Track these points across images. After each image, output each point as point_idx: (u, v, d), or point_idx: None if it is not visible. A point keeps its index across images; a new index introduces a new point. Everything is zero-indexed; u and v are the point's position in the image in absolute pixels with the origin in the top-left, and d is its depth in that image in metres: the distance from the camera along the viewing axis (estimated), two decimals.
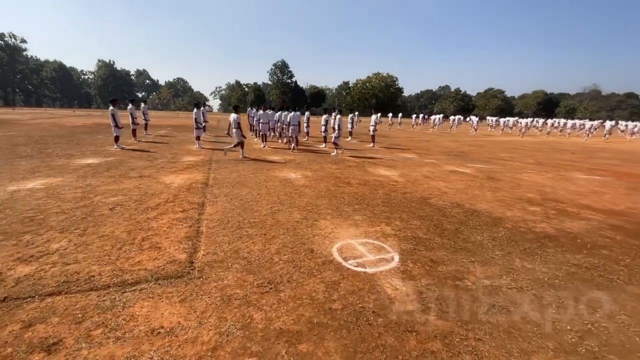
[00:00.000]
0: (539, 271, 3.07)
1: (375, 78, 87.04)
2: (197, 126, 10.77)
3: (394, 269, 2.99)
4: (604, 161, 11.49)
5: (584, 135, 23.36)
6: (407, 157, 10.77)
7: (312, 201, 5.07)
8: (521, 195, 6.02)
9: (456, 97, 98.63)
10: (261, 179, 6.50)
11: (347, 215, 4.46)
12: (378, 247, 3.48)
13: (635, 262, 3.35)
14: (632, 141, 24.21)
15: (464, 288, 2.71)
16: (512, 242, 3.77)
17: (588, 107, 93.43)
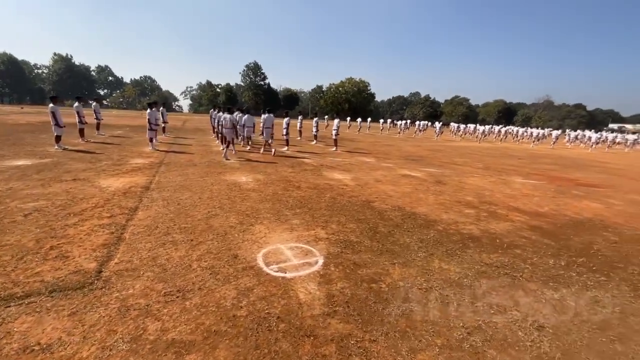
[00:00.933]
0: (452, 271, 3.23)
1: (348, 83, 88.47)
2: (151, 127, 10.27)
3: (314, 273, 3.02)
4: (543, 166, 12.47)
5: (532, 142, 25.30)
6: (365, 161, 11.01)
7: (254, 205, 5.01)
8: (461, 198, 6.35)
9: (425, 104, 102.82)
10: (208, 182, 6.33)
11: (285, 220, 4.45)
12: (306, 251, 3.49)
13: (541, 260, 3.64)
14: (590, 152, 26.48)
15: (377, 290, 2.78)
16: (438, 243, 3.95)
17: (542, 116, 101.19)
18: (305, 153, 12.13)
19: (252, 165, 8.70)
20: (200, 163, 8.48)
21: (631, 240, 4.50)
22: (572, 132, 27.76)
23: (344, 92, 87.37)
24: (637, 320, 2.59)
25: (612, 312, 2.68)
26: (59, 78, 78.13)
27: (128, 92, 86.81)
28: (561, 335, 2.34)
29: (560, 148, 25.08)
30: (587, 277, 3.28)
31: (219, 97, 77.90)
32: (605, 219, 5.49)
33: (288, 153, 11.82)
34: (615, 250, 4.09)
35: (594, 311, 2.68)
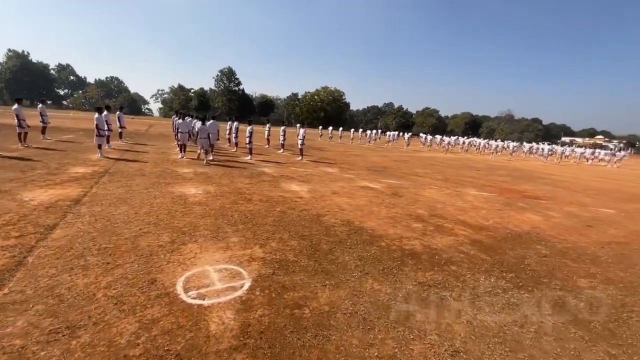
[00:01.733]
0: (383, 292, 3.17)
1: (323, 91, 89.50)
2: (99, 133, 9.60)
3: (235, 299, 2.83)
4: (498, 178, 13.13)
5: (491, 153, 26.82)
6: (328, 171, 11.00)
7: (195, 220, 4.74)
8: (413, 211, 6.44)
9: (397, 114, 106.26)
10: (152, 195, 5.95)
11: (223, 237, 4.22)
12: (234, 273, 3.30)
13: (473, 277, 3.69)
14: (544, 164, 28.33)
15: (298, 317, 2.64)
16: (377, 261, 3.91)
17: (504, 129, 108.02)
18: (269, 162, 11.92)
19: (208, 175, 8.36)
20: (151, 173, 8.01)
21: (559, 254, 4.73)
22: (527, 145, 29.68)
23: (319, 101, 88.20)
24: (550, 340, 2.65)
25: (528, 332, 2.73)
26: (12, 76, 72.29)
27: (91, 93, 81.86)
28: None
29: (517, 160, 26.74)
30: (511, 294, 3.36)
31: (192, 102, 75.69)
32: (541, 232, 5.77)
33: (251, 162, 11.56)
34: (544, 265, 4.26)
35: (510, 332, 2.71)
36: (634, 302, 3.43)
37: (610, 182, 15.54)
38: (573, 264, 4.39)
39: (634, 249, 5.25)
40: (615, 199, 10.28)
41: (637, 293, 3.67)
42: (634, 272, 4.26)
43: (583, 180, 15.32)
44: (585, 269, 4.23)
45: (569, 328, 2.84)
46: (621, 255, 4.93)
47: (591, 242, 5.45)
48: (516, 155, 29.05)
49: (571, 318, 3.02)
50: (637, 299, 3.52)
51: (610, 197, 10.45)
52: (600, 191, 11.76)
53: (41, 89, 79.92)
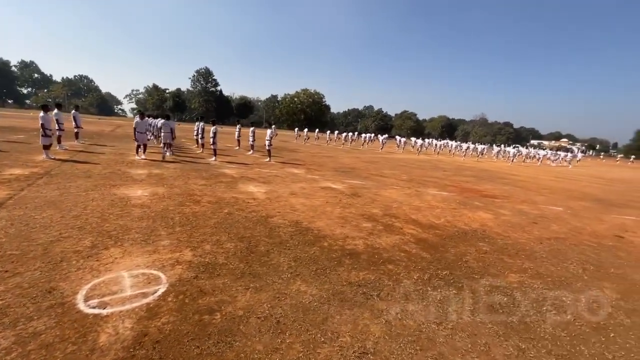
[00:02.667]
0: (308, 294, 3.07)
1: (303, 94, 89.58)
2: (45, 133, 8.98)
3: (141, 307, 2.63)
4: (462, 178, 13.51)
5: (462, 155, 27.74)
6: (294, 172, 10.87)
7: (129, 224, 4.46)
8: (367, 211, 6.42)
9: (377, 117, 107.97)
10: (90, 197, 5.58)
11: (154, 240, 3.98)
12: (152, 278, 3.09)
13: (407, 276, 3.67)
14: (510, 165, 29.50)
15: (205, 324, 2.49)
16: (312, 262, 3.81)
17: (477, 132, 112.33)
18: (234, 164, 11.64)
19: (162, 177, 8.00)
20: (98, 174, 7.55)
21: (499, 250, 4.84)
22: (496, 148, 30.99)
23: (299, 103, 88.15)
24: (463, 336, 2.64)
25: (444, 329, 2.71)
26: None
27: (56, 92, 77.42)
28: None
29: (486, 161, 27.78)
30: (439, 292, 3.36)
31: (167, 102, 73.32)
32: (488, 229, 5.91)
33: (215, 163, 11.24)
34: (481, 261, 4.33)
35: (426, 330, 2.68)
36: (556, 296, 3.53)
37: (566, 181, 16.40)
38: (509, 260, 4.49)
39: (571, 244, 5.48)
40: (566, 197, 10.81)
41: (562, 287, 3.79)
42: (564, 267, 4.42)
43: (541, 180, 16.09)
44: (519, 265, 4.34)
45: (485, 323, 2.86)
46: (557, 250, 5.12)
47: (532, 238, 5.64)
48: (486, 157, 30.21)
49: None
50: (560, 293, 3.63)
51: (562, 196, 10.98)
52: (554, 190, 12.36)
53: (2, 88, 74.90)
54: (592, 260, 4.79)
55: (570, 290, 3.71)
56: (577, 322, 3.04)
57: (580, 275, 4.19)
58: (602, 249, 5.40)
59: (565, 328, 2.91)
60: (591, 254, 5.06)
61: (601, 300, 3.53)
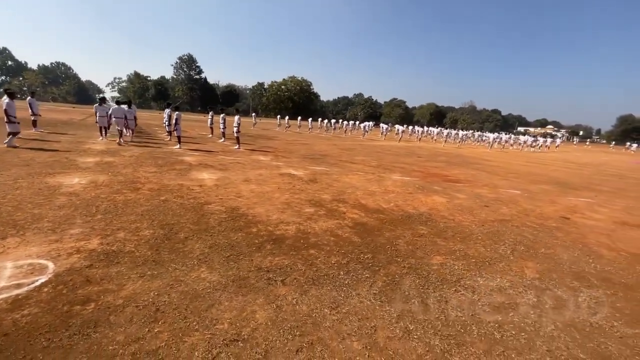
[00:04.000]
0: (207, 281, 2.94)
1: (290, 81, 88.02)
2: (9, 120, 8.57)
3: (7, 298, 2.44)
4: (433, 164, 13.51)
5: (443, 141, 27.86)
6: (259, 159, 10.64)
7: (45, 212, 4.22)
8: (317, 197, 6.30)
9: (365, 104, 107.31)
10: (16, 186, 5.28)
11: (64, 229, 3.77)
12: (38, 268, 2.90)
13: (325, 261, 3.57)
14: (489, 151, 29.75)
15: (72, 315, 2.33)
16: (230, 248, 3.67)
17: (466, 119, 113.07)
18: (198, 151, 11.32)
19: (112, 165, 7.68)
20: (40, 162, 7.19)
21: (436, 233, 4.79)
22: (476, 133, 31.21)
23: (286, 90, 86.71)
24: (353, 320, 2.55)
25: (336, 314, 2.62)
26: None
27: (30, 80, 74.10)
28: (247, 349, 2.15)
29: (466, 147, 27.96)
30: (351, 276, 3.27)
31: (149, 90, 71.02)
32: (435, 213, 5.87)
33: (178, 150, 10.92)
34: (412, 244, 4.27)
35: (317, 315, 2.59)
36: (471, 277, 3.49)
37: (537, 166, 16.62)
38: (442, 242, 4.45)
39: (513, 226, 5.48)
40: (530, 181, 10.92)
41: (482, 268, 3.75)
42: (494, 248, 4.39)
43: (512, 165, 16.25)
44: (450, 247, 4.29)
45: (384, 306, 2.78)
46: (496, 232, 5.11)
47: (476, 220, 5.62)
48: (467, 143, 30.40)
49: (395, 296, 2.97)
50: (476, 273, 3.59)
51: (526, 180, 11.09)
52: (521, 174, 12.48)
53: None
54: (526, 241, 4.80)
55: (489, 271, 3.68)
56: (480, 302, 3.00)
57: (507, 255, 4.18)
58: (542, 230, 5.42)
59: (465, 309, 2.86)
60: (528, 235, 5.06)
61: (515, 280, 3.50)
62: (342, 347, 2.25)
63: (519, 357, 2.30)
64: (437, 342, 2.38)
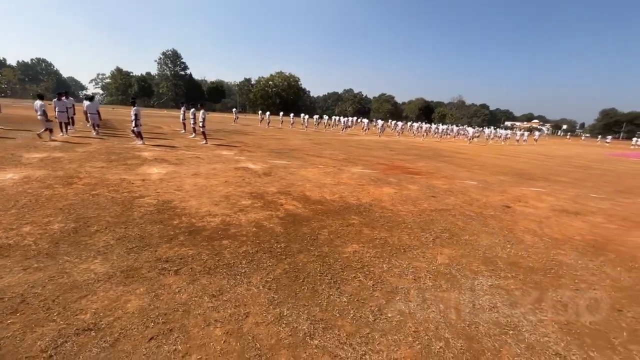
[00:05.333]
0: (94, 272, 2.88)
1: (278, 77, 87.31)
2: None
3: None
4: (402, 157, 13.60)
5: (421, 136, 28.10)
6: (222, 154, 10.53)
7: None
8: (261, 190, 6.26)
9: (354, 100, 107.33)
10: None
11: None
12: None
13: (233, 250, 3.54)
14: (468, 144, 30.06)
15: None
16: (138, 240, 3.61)
17: (454, 114, 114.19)
18: (161, 146, 11.14)
19: (57, 160, 7.49)
20: None
21: (367, 223, 4.79)
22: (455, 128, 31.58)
23: (274, 86, 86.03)
24: (227, 307, 2.54)
25: (214, 301, 2.60)
26: None
27: (7, 76, 71.69)
28: (97, 338, 2.11)
29: (447, 141, 28.26)
30: (252, 265, 3.25)
31: (132, 87, 69.48)
32: (376, 204, 5.89)
33: (139, 146, 10.72)
34: (334, 234, 4.27)
35: (192, 304, 2.57)
36: (378, 263, 3.51)
37: (506, 159, 16.91)
38: (367, 231, 4.47)
39: (449, 215, 5.54)
40: (491, 172, 11.10)
41: (394, 254, 3.78)
42: (419, 236, 4.44)
43: (483, 157, 16.49)
44: (374, 236, 4.32)
45: (268, 294, 2.78)
46: (429, 221, 5.16)
47: (415, 210, 5.67)
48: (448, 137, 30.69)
49: (286, 283, 2.97)
50: (384, 260, 3.62)
51: (489, 171, 11.26)
52: (487, 166, 12.67)
53: None
54: (455, 229, 4.86)
55: (400, 258, 3.71)
56: (374, 287, 3.02)
57: (427, 243, 4.22)
58: (476, 218, 5.51)
59: (355, 294, 2.88)
60: (460, 223, 5.14)
61: (421, 266, 3.54)
62: (202, 333, 2.24)
63: (381, 338, 2.33)
64: (305, 326, 2.39)
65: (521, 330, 2.54)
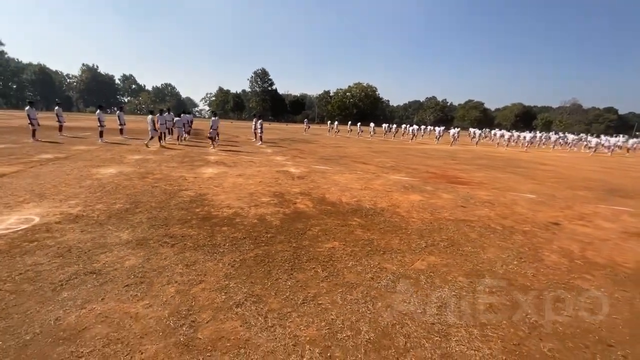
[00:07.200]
0: (120, 238, 3.86)
1: (355, 88, 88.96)
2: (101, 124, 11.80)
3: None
4: (460, 166, 12.43)
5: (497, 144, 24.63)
6: (274, 159, 11.62)
7: (67, 189, 5.86)
8: (287, 190, 6.85)
9: (435, 108, 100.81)
10: (69, 172, 7.29)
11: (68, 199, 5.24)
12: (28, 220, 4.26)
13: (226, 235, 4.15)
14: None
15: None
16: (164, 220, 4.57)
17: (562, 120, 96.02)
18: (228, 151, 12.95)
19: (147, 161, 9.62)
20: (100, 158, 9.51)
21: (366, 225, 4.83)
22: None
23: (351, 97, 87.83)
24: (195, 274, 3.11)
25: (184, 268, 3.22)
26: (85, 87, 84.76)
27: (143, 98, 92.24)
28: (105, 278, 2.94)
29: (538, 151, 24.19)
30: (232, 247, 3.79)
31: (228, 103, 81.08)
32: (390, 209, 5.79)
33: (211, 150, 12.73)
34: (324, 231, 4.49)
35: (165, 267, 3.23)
36: (347, 260, 3.62)
37: (607, 172, 13.62)
38: (360, 232, 4.54)
39: (467, 226, 5.06)
40: (569, 186, 9.25)
41: (372, 255, 3.80)
42: (410, 242, 4.28)
43: (573, 170, 13.65)
44: (362, 236, 4.37)
45: (230, 269, 3.25)
46: (436, 229, 4.86)
47: (432, 218, 5.38)
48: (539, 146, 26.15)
49: (249, 264, 3.40)
50: (358, 258, 3.68)
51: (565, 185, 9.41)
52: (567, 180, 10.56)
53: (109, 97, 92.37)
54: (460, 239, 4.48)
55: (374, 259, 3.71)
56: (327, 280, 3.18)
57: (414, 248, 4.07)
58: (502, 232, 4.89)
59: (303, 281, 3.12)
60: (473, 235, 4.68)
61: (392, 268, 3.49)
62: (160, 288, 2.85)
63: (297, 318, 2.53)
64: (239, 297, 2.78)
65: (450, 340, 2.38)
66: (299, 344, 2.25)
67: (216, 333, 2.31)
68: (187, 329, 2.33)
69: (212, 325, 2.39)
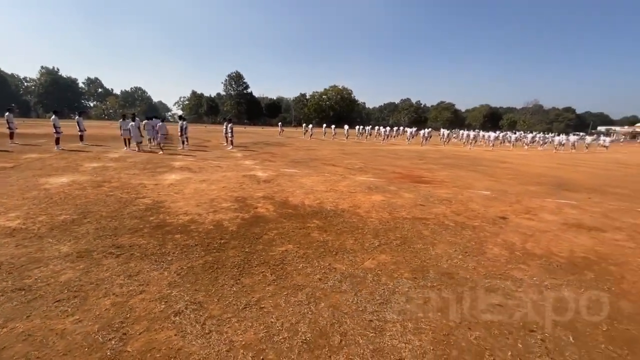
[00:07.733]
0: (59, 251, 3.67)
1: (331, 90, 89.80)
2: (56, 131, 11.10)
3: None
4: (427, 166, 12.90)
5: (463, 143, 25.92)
6: (243, 163, 11.48)
7: (21, 203, 5.47)
8: (249, 194, 6.78)
9: (410, 110, 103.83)
10: (12, 182, 6.81)
11: (35, 215, 4.90)
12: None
13: (178, 243, 4.06)
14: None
15: None
16: (113, 229, 4.38)
17: (526, 120, 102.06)
18: (195, 157, 12.64)
19: (107, 168, 9.18)
20: (51, 166, 8.96)
21: (324, 227, 4.88)
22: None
23: (327, 100, 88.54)
24: (136, 285, 3.01)
25: (126, 279, 3.11)
26: (45, 90, 79.53)
27: (110, 103, 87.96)
28: (36, 293, 2.77)
29: (503, 149, 25.56)
30: (182, 255, 3.70)
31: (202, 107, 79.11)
32: (351, 210, 5.89)
33: (178, 155, 12.36)
34: (280, 235, 4.50)
35: (107, 279, 3.11)
36: (298, 262, 3.65)
37: (560, 168, 14.68)
38: (316, 234, 4.59)
39: (422, 224, 5.26)
40: (523, 182, 9.86)
41: (324, 256, 3.85)
42: (364, 241, 4.38)
43: (529, 167, 14.59)
44: (319, 238, 4.41)
45: (175, 278, 3.18)
46: (392, 227, 5.01)
47: (387, 218, 5.53)
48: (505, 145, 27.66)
49: (197, 272, 3.34)
50: (310, 260, 3.72)
51: (519, 181, 10.02)
52: (523, 176, 11.26)
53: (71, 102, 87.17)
54: (413, 237, 4.65)
55: (325, 259, 3.77)
56: (277, 281, 3.19)
57: (367, 248, 4.17)
58: (453, 228, 5.12)
59: (249, 286, 3.11)
60: (426, 232, 4.87)
61: (341, 268, 3.56)
62: (95, 302, 2.74)
63: (236, 324, 2.52)
64: (180, 306, 2.72)
65: (384, 335, 2.47)
66: (232, 349, 2.24)
67: (147, 344, 2.25)
68: (115, 343, 2.25)
69: (145, 337, 2.33)
